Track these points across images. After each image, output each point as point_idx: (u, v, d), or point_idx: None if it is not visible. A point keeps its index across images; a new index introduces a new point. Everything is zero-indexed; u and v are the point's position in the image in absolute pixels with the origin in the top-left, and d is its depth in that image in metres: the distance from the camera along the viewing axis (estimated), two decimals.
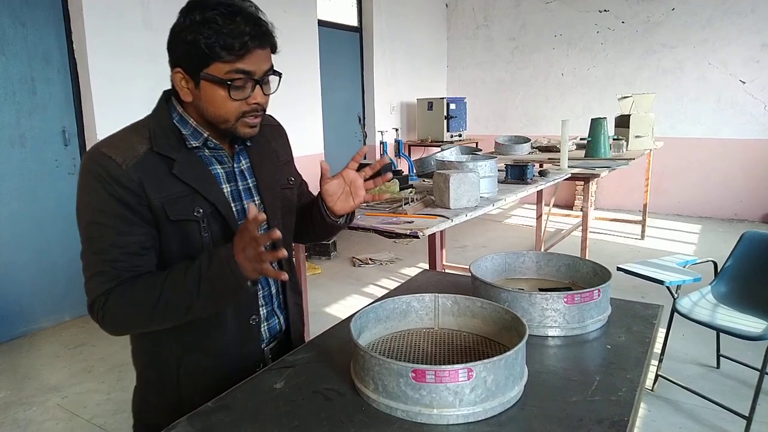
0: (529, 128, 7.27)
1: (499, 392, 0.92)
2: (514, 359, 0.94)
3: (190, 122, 1.08)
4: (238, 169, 1.16)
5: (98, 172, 1.00)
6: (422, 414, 0.90)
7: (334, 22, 6.11)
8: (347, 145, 6.49)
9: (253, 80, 1.02)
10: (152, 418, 1.16)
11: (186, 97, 1.06)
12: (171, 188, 1.03)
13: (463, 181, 2.52)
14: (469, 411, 0.90)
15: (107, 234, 1.00)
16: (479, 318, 1.19)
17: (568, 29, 7.01)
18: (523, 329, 1.02)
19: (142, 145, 1.03)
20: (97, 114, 3.72)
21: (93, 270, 1.01)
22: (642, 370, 1.06)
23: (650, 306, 1.39)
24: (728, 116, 6.24)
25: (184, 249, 1.05)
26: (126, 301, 0.99)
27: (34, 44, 3.51)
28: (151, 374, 1.17)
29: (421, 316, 1.23)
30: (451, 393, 0.89)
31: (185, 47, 1.00)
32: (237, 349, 1.15)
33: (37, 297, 3.62)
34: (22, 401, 2.80)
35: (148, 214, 1.01)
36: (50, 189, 3.66)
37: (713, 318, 2.53)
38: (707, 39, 6.22)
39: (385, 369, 0.92)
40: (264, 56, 1.03)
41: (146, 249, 1.03)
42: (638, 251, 5.16)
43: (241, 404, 0.98)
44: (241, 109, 1.04)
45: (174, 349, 1.12)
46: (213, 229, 1.07)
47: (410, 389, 0.90)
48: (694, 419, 2.51)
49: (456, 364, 0.90)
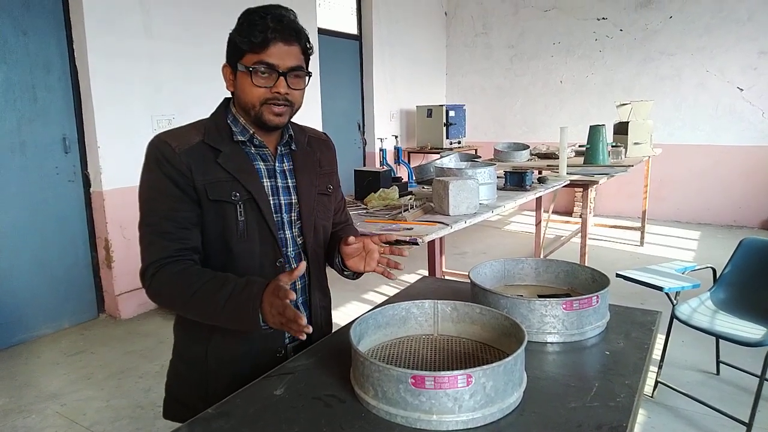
0: (528, 135, 7.29)
1: (498, 398, 0.93)
2: (513, 365, 0.95)
3: (240, 121, 1.23)
4: (280, 168, 1.28)
5: (156, 156, 1.15)
6: (421, 420, 0.91)
7: (334, 30, 6.14)
8: (347, 152, 6.51)
9: (277, 72, 1.15)
10: (180, 393, 1.27)
11: (230, 87, 1.22)
12: (214, 174, 1.17)
13: (462, 188, 2.53)
14: (468, 417, 0.91)
15: (161, 209, 1.15)
16: (478, 324, 1.19)
17: (566, 37, 7.05)
18: (521, 335, 1.03)
19: (196, 137, 1.19)
20: (98, 121, 3.74)
21: (147, 240, 1.16)
22: (640, 376, 1.07)
23: (649, 312, 1.39)
24: (726, 123, 6.27)
25: (223, 230, 1.18)
26: (171, 283, 1.12)
27: (36, 52, 3.53)
28: (184, 347, 1.28)
29: (421, 322, 1.24)
30: (451, 399, 0.90)
31: (229, 44, 1.19)
32: (261, 335, 1.20)
33: (37, 304, 3.62)
34: (21, 409, 2.79)
35: (194, 194, 1.16)
36: (50, 196, 3.66)
37: (712, 324, 2.53)
38: (705, 46, 6.25)
39: (384, 375, 0.92)
40: (288, 52, 1.16)
41: (193, 224, 1.17)
42: (637, 258, 5.16)
43: (241, 410, 0.98)
44: (265, 96, 1.17)
45: (205, 327, 1.21)
46: (249, 215, 1.19)
47: (410, 395, 0.91)
48: (694, 426, 2.51)
49: (455, 370, 0.90)
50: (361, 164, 6.72)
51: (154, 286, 1.13)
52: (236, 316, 1.08)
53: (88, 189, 3.85)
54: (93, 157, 3.79)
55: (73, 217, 3.81)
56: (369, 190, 2.85)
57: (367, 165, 6.72)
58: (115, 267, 3.80)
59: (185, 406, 1.23)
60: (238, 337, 1.21)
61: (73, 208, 3.81)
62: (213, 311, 1.10)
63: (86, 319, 3.89)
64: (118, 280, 3.81)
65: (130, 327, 3.76)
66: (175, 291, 1.12)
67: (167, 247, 1.13)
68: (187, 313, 1.17)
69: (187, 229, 1.16)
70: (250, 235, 1.19)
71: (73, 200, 3.81)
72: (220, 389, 1.15)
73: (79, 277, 3.84)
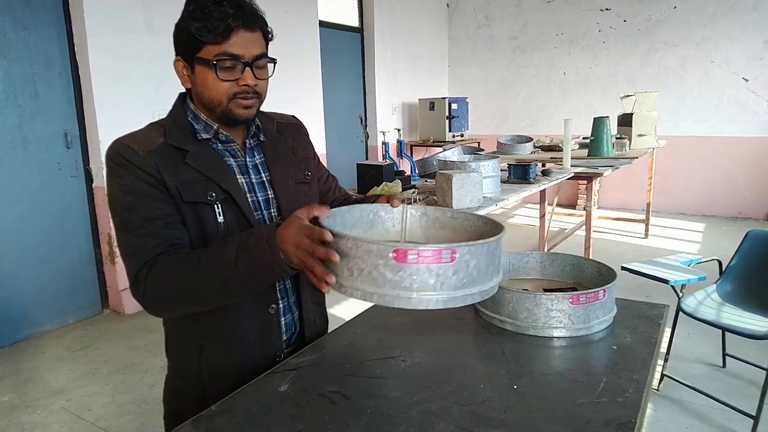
0: (531, 127, 7.26)
1: (480, 280, 0.89)
2: (495, 247, 0.92)
3: (201, 117, 1.14)
4: (252, 163, 1.20)
5: (120, 160, 1.06)
6: (400, 298, 0.86)
7: (335, 23, 6.11)
8: (350, 146, 6.49)
9: (242, 63, 1.06)
10: (180, 407, 1.20)
11: (185, 83, 1.13)
12: (185, 174, 1.08)
13: (465, 181, 2.51)
14: (448, 295, 0.87)
15: (140, 210, 1.04)
16: (449, 229, 1.14)
17: (569, 28, 7.00)
18: (499, 228, 0.99)
19: (158, 138, 1.10)
20: (99, 116, 3.73)
21: (131, 248, 1.05)
22: (649, 371, 1.05)
23: (656, 306, 1.38)
24: (732, 114, 6.22)
25: (201, 233, 1.10)
26: (168, 269, 1.02)
27: (36, 47, 3.51)
28: (178, 363, 1.22)
29: (388, 228, 1.17)
30: (433, 275, 0.85)
31: (181, 35, 1.08)
32: (257, 340, 1.17)
33: (41, 300, 3.63)
34: (27, 404, 2.80)
35: (169, 194, 1.07)
36: (53, 192, 3.66)
37: (719, 317, 2.52)
38: (710, 37, 6.19)
39: (363, 251, 0.86)
40: (252, 40, 1.07)
41: (178, 221, 1.07)
42: (642, 250, 5.14)
43: (245, 408, 0.97)
44: (232, 90, 1.08)
45: (196, 336, 1.16)
46: (227, 215, 1.11)
47: (389, 271, 0.85)
48: (701, 419, 2.50)
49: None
50: (364, 158, 6.70)
51: (149, 289, 1.02)
52: (253, 263, 0.96)
53: (90, 184, 3.85)
54: (95, 152, 3.79)
55: (76, 213, 3.81)
56: (372, 184, 2.84)
57: (370, 159, 6.70)
58: (118, 262, 3.79)
59: (186, 418, 1.11)
60: (232, 344, 1.15)
61: (76, 203, 3.80)
62: (225, 272, 0.98)
63: (90, 314, 3.89)
64: (122, 276, 3.81)
65: (134, 322, 3.76)
66: (177, 274, 1.01)
67: (156, 247, 1.03)
68: (196, 297, 1.03)
69: (173, 226, 1.06)
70: (232, 235, 1.07)
71: (76, 196, 3.80)
72: (219, 400, 1.04)
73: (82, 272, 3.85)
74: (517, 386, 1.01)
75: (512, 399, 0.96)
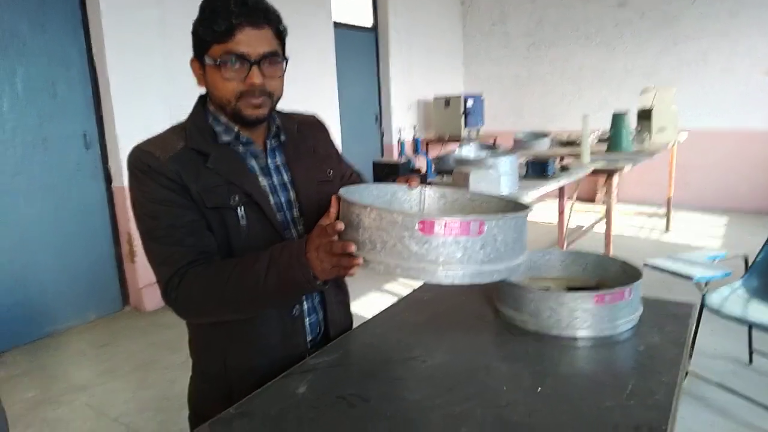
0: (546, 124, 7.16)
1: (507, 255, 0.87)
2: (522, 224, 0.89)
3: (221, 120, 1.13)
4: (273, 164, 1.19)
5: (141, 167, 1.05)
6: (426, 271, 0.83)
7: (350, 24, 6.09)
8: (365, 143, 6.48)
9: (248, 62, 1.04)
10: (205, 409, 1.18)
11: (200, 83, 1.13)
12: (207, 179, 1.07)
13: (483, 179, 2.48)
14: (475, 270, 0.84)
15: (164, 218, 1.04)
16: (468, 211, 1.12)
17: (585, 24, 6.89)
18: (524, 206, 0.97)
19: (179, 142, 1.09)
20: (117, 117, 3.75)
21: (160, 257, 1.05)
22: (678, 372, 1.02)
23: (683, 305, 1.34)
24: (754, 107, 6.07)
25: (226, 237, 1.09)
26: (199, 280, 1.02)
27: (54, 48, 3.54)
28: (203, 365, 1.22)
29: (405, 209, 1.15)
30: (461, 248, 0.83)
31: (193, 36, 1.09)
32: (280, 342, 1.16)
33: (63, 297, 3.67)
34: (51, 400, 2.83)
35: (192, 200, 1.06)
36: (73, 192, 3.69)
37: (746, 313, 2.45)
38: (729, 30, 6.05)
39: (387, 223, 0.84)
40: (258, 37, 1.04)
41: (203, 227, 1.07)
42: (662, 245, 5.05)
43: (263, 411, 0.96)
44: (239, 90, 1.06)
45: (220, 339, 1.15)
46: (251, 218, 1.10)
47: (414, 243, 0.83)
48: (726, 416, 2.44)
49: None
50: (379, 156, 6.68)
51: (181, 296, 1.03)
52: (283, 281, 0.97)
53: (109, 184, 3.88)
54: (114, 152, 3.81)
55: (96, 212, 3.84)
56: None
57: (385, 156, 6.68)
58: (138, 261, 3.82)
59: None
60: (255, 346, 1.15)
61: (96, 203, 3.84)
62: (255, 287, 0.99)
63: (112, 311, 3.93)
64: (141, 274, 3.84)
65: (154, 319, 3.79)
66: (205, 287, 1.02)
67: (185, 255, 1.03)
68: (228, 307, 1.04)
69: (198, 233, 1.06)
70: (255, 239, 1.09)
71: (96, 195, 3.83)
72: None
73: (103, 270, 3.88)
74: (541, 388, 0.98)
75: (537, 402, 0.94)
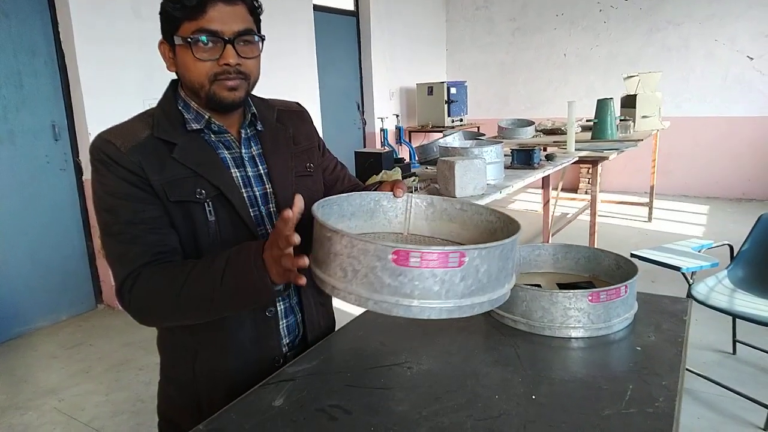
0: (531, 111, 7.13)
1: (490, 286, 0.80)
2: (509, 251, 0.81)
3: (191, 106, 1.05)
4: (248, 154, 1.10)
5: (101, 157, 0.98)
6: (399, 305, 0.76)
7: (330, 7, 5.95)
8: (346, 132, 6.36)
9: (222, 40, 0.96)
10: (174, 416, 1.13)
11: (170, 67, 1.05)
12: (172, 171, 0.99)
13: (468, 168, 2.40)
14: (454, 305, 0.77)
15: (122, 214, 0.97)
16: (457, 222, 1.05)
17: (569, 8, 6.84)
18: (515, 227, 0.89)
19: (144, 131, 1.01)
20: (88, 107, 3.60)
21: (116, 253, 0.98)
22: (678, 375, 0.97)
23: (679, 300, 1.28)
24: (736, 94, 6.10)
25: (192, 234, 1.01)
26: (152, 283, 0.95)
27: (19, 36, 3.37)
28: (171, 369, 1.14)
29: (390, 218, 1.07)
30: (438, 281, 0.75)
31: (161, 16, 1.00)
32: (253, 345, 1.08)
33: (33, 296, 3.53)
34: (18, 405, 2.71)
35: (154, 194, 0.98)
36: (42, 185, 3.55)
37: (731, 304, 2.43)
38: (714, 14, 6.05)
39: (358, 251, 0.77)
40: (232, 14, 0.97)
41: (164, 224, 0.99)
42: (646, 234, 5.05)
43: (236, 426, 0.88)
44: (213, 71, 0.98)
45: (189, 342, 1.08)
46: (220, 213, 1.02)
47: (388, 275, 0.75)
48: (713, 409, 2.43)
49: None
50: (361, 145, 6.57)
51: (135, 300, 0.96)
52: (239, 285, 0.89)
53: (80, 177, 3.74)
54: (84, 143, 3.67)
55: (66, 207, 3.70)
56: (370, 173, 2.73)
57: (368, 146, 6.57)
58: None
59: (182, 429, 1.05)
60: (226, 350, 1.07)
61: (66, 197, 3.69)
62: (210, 292, 0.91)
63: (84, 310, 3.80)
64: None
65: (128, 318, 3.58)
66: (159, 291, 0.94)
67: (142, 254, 0.96)
68: (183, 312, 0.96)
69: (158, 230, 0.98)
70: (225, 235, 1.01)
71: (66, 189, 3.69)
72: (216, 410, 0.96)
73: (75, 267, 3.75)
74: (535, 396, 0.91)
75: (531, 412, 0.87)
